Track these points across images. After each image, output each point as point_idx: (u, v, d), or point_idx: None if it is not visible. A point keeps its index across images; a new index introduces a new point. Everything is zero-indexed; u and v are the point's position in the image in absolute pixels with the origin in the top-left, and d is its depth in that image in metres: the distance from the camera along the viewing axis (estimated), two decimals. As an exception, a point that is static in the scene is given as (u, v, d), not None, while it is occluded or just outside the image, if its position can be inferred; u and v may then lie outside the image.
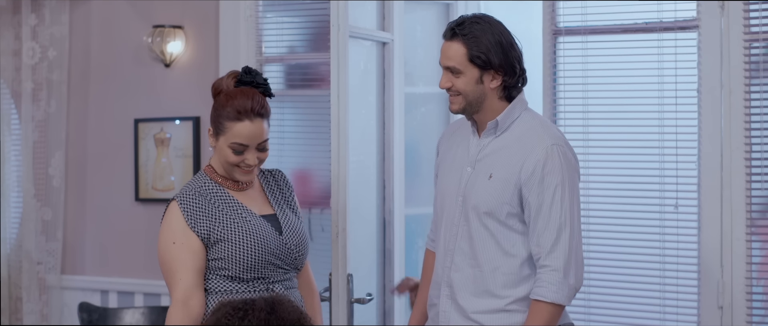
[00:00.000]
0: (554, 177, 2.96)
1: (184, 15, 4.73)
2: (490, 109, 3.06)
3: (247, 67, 3.17)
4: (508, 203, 3.01)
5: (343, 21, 3.67)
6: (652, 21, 3.93)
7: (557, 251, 2.95)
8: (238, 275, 3.06)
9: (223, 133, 3.07)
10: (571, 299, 2.98)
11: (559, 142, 3.01)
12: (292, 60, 4.62)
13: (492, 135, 3.08)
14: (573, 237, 2.97)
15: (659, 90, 3.92)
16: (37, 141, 4.97)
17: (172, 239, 3.03)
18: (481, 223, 3.05)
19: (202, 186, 3.11)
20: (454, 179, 3.14)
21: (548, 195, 2.96)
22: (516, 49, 3.05)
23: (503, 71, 3.02)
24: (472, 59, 3.01)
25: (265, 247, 3.09)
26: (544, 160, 2.96)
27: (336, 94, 3.68)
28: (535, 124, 3.07)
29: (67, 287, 4.99)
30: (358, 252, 4.03)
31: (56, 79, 4.93)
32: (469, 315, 3.08)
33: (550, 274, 2.95)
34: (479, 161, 3.09)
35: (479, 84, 3.03)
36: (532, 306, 2.97)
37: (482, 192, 3.04)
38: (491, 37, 3.00)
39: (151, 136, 4.78)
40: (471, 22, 3.03)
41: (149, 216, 4.82)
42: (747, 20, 3.75)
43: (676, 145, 3.90)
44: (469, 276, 3.08)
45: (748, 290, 3.75)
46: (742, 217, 3.74)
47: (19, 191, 5.07)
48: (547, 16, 4.08)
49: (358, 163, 4.23)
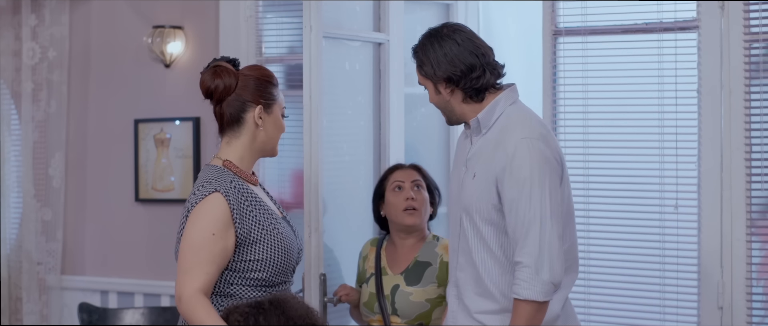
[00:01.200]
0: (522, 171, 2.94)
1: (184, 15, 4.73)
2: (463, 113, 3.12)
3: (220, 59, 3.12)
4: (489, 200, 3.01)
5: (316, 21, 3.71)
6: (652, 21, 3.92)
7: (528, 247, 2.92)
8: (270, 278, 2.98)
9: (275, 102, 3.07)
10: (548, 295, 2.93)
11: (532, 135, 2.99)
12: (292, 60, 4.62)
13: (478, 133, 3.11)
14: (544, 231, 2.92)
15: (659, 90, 3.92)
16: (37, 141, 4.97)
17: (212, 229, 2.90)
18: (471, 223, 3.07)
19: (234, 182, 3.00)
20: (455, 181, 3.19)
21: (516, 190, 2.94)
22: (461, 55, 3.06)
23: (445, 80, 3.07)
24: (421, 74, 3.13)
25: (292, 251, 3.05)
26: (512, 154, 2.96)
27: (308, 95, 3.71)
28: (514, 118, 3.07)
29: (67, 287, 4.99)
30: (352, 255, 4.03)
31: (56, 79, 4.94)
32: (473, 314, 3.11)
33: (523, 270, 2.93)
34: (469, 160, 3.12)
35: (438, 94, 3.11)
36: (513, 304, 2.96)
37: (469, 191, 3.08)
38: (430, 50, 3.09)
39: (151, 136, 4.78)
40: (419, 41, 3.15)
41: (149, 216, 4.82)
42: (747, 21, 3.75)
43: (676, 146, 3.90)
44: (471, 275, 3.11)
45: (748, 290, 3.75)
46: (742, 218, 3.74)
47: (19, 191, 5.07)
48: (547, 17, 4.08)
49: (346, 163, 4.23)
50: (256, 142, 3.06)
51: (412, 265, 3.71)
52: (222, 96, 3.02)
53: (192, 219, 2.93)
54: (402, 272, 3.71)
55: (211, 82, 3.03)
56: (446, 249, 3.70)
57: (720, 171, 3.77)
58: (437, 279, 3.67)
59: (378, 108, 4.39)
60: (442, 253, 3.70)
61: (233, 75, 3.03)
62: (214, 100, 3.05)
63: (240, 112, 3.03)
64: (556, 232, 2.94)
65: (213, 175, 3.00)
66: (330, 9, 4.06)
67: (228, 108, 3.03)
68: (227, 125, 3.05)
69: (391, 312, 3.68)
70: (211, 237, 2.90)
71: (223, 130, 3.07)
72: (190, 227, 2.92)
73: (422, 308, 3.66)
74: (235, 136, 3.05)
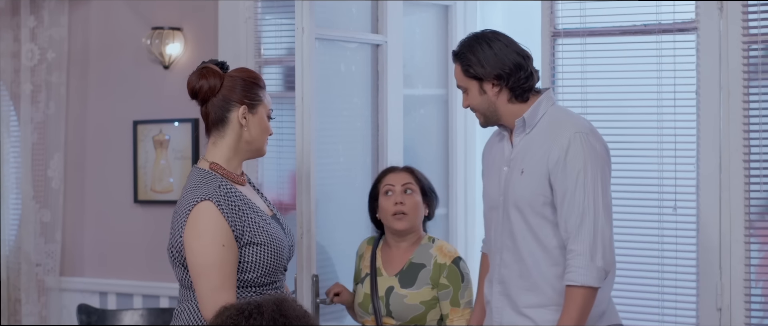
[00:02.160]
0: (576, 163, 3.08)
1: (183, 17, 4.73)
2: (506, 113, 3.23)
3: (208, 61, 3.15)
4: (541, 194, 3.13)
5: (309, 23, 3.73)
6: (650, 23, 3.92)
7: (582, 235, 3.06)
8: (259, 279, 3.01)
9: (260, 102, 3.10)
10: (601, 280, 3.06)
11: (583, 130, 3.14)
12: (291, 62, 4.61)
13: (522, 133, 3.22)
14: (598, 220, 3.07)
15: (658, 92, 3.92)
16: (35, 143, 4.97)
17: (221, 241, 2.93)
18: (522, 218, 3.17)
19: (222, 185, 3.02)
20: (494, 181, 3.29)
21: (571, 181, 3.08)
22: (510, 56, 3.19)
23: (496, 78, 3.18)
24: (466, 74, 3.22)
25: (283, 250, 3.07)
26: (566, 147, 3.09)
27: (300, 97, 3.74)
28: (561, 115, 3.22)
29: (65, 289, 4.99)
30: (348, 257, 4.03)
31: (55, 80, 4.93)
32: (521, 309, 3.20)
33: (577, 258, 3.05)
34: (513, 159, 3.23)
35: (483, 94, 3.22)
36: (566, 292, 3.07)
37: (517, 187, 3.18)
38: (479, 50, 3.19)
39: (149, 137, 4.78)
40: (462, 42, 3.26)
41: (148, 218, 4.81)
42: (745, 22, 3.74)
43: (674, 147, 3.90)
44: (517, 271, 3.20)
45: (747, 291, 3.75)
46: (741, 219, 3.74)
47: (18, 193, 5.07)
48: (545, 18, 4.08)
49: (342, 164, 4.23)
50: (241, 141, 3.09)
51: (407, 267, 3.71)
52: (206, 96, 3.08)
53: (193, 234, 2.95)
54: (396, 274, 3.72)
55: (197, 82, 3.09)
56: (441, 251, 3.71)
57: (719, 172, 3.77)
58: (431, 280, 3.67)
59: (376, 109, 4.39)
60: (436, 254, 3.70)
61: (218, 76, 3.08)
62: (199, 99, 3.10)
63: (224, 111, 3.07)
64: (609, 222, 3.11)
65: (200, 180, 3.03)
66: (325, 10, 4.07)
67: (213, 108, 3.08)
68: (213, 125, 3.10)
69: (385, 314, 3.68)
70: (223, 249, 2.93)
71: (209, 130, 3.12)
72: (196, 244, 2.94)
73: (417, 310, 3.66)
74: (221, 136, 3.09)
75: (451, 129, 4.89)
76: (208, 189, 2.98)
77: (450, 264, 3.68)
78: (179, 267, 3.04)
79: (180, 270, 3.05)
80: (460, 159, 4.93)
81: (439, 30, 4.87)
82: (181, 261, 3.01)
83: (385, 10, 4.38)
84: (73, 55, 4.98)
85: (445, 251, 3.72)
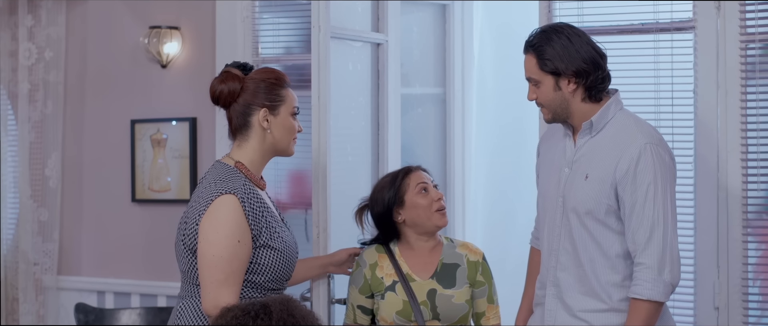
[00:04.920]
0: (647, 175, 3.03)
1: (181, 16, 4.72)
2: (578, 112, 3.15)
3: (231, 64, 3.17)
4: (605, 202, 3.08)
5: (325, 22, 3.71)
6: (648, 22, 3.92)
7: (651, 248, 3.02)
8: (266, 283, 3.01)
9: (283, 102, 3.10)
10: (667, 295, 3.04)
11: (653, 140, 3.08)
12: (289, 61, 4.62)
13: (588, 135, 3.16)
14: (667, 234, 3.03)
15: (655, 91, 3.92)
16: (33, 142, 4.97)
17: (237, 237, 2.93)
18: (581, 223, 3.12)
19: (245, 184, 3.02)
20: (553, 180, 3.22)
21: (641, 193, 3.02)
22: (590, 53, 3.11)
23: (575, 74, 3.09)
24: (542, 68, 3.11)
25: (293, 259, 3.07)
26: (637, 159, 3.03)
27: (316, 95, 3.72)
28: (630, 122, 3.14)
29: (63, 288, 4.99)
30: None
31: (53, 79, 4.93)
32: (576, 313, 3.15)
33: (645, 272, 3.01)
34: (576, 162, 3.16)
35: (557, 90, 3.13)
36: (631, 304, 3.04)
37: (580, 192, 3.12)
38: (558, 44, 3.09)
39: (147, 136, 4.78)
40: (539, 33, 3.14)
41: (146, 217, 4.81)
42: (743, 21, 3.75)
43: (672, 146, 3.89)
44: (574, 275, 3.16)
45: (744, 291, 3.75)
46: (738, 218, 3.75)
47: (15, 192, 5.07)
48: (543, 17, 4.08)
49: (349, 163, 4.23)
50: (265, 144, 3.11)
51: (440, 268, 3.59)
52: (227, 101, 3.09)
53: (212, 224, 2.94)
54: (432, 276, 3.57)
55: (217, 87, 3.11)
56: (467, 248, 3.64)
57: (716, 171, 3.78)
58: (468, 279, 3.59)
59: (377, 108, 4.39)
60: (466, 253, 3.62)
61: (238, 80, 3.09)
62: (221, 104, 3.12)
63: (246, 116, 3.08)
64: (676, 236, 3.06)
65: (225, 174, 3.03)
66: (332, 9, 4.07)
67: (235, 113, 3.10)
68: (236, 129, 3.11)
69: (431, 317, 3.53)
70: (237, 244, 2.93)
71: (233, 133, 3.13)
72: (212, 234, 2.93)
73: (463, 310, 3.56)
74: (245, 140, 3.11)
75: (449, 128, 4.89)
76: (233, 184, 2.98)
77: (482, 261, 3.63)
78: (188, 257, 3.01)
79: (187, 261, 3.02)
80: (458, 158, 4.93)
81: (437, 29, 4.87)
82: (192, 249, 2.99)
83: (386, 10, 4.38)
84: (71, 54, 4.98)
85: (472, 248, 3.66)
